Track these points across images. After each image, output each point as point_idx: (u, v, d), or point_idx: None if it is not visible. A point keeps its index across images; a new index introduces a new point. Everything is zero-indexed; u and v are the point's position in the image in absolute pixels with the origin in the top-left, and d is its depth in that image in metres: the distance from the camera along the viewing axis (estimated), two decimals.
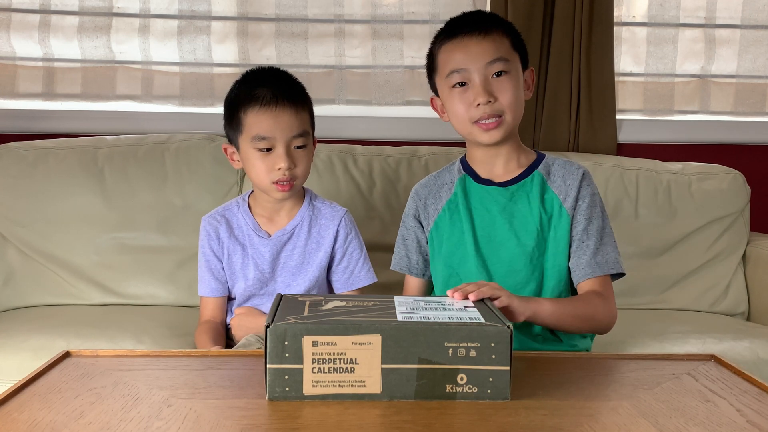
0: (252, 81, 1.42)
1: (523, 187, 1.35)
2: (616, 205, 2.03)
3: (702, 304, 2.02)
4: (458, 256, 1.36)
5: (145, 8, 2.21)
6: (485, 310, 0.93)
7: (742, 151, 2.36)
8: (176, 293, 1.91)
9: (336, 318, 0.87)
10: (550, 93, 2.22)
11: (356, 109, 2.30)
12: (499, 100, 1.29)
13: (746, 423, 0.81)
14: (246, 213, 1.50)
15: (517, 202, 1.35)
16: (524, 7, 2.14)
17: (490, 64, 1.29)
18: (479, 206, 1.36)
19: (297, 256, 1.48)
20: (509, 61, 1.30)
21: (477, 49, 1.29)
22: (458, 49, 1.31)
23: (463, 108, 1.31)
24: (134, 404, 0.84)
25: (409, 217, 1.44)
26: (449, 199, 1.39)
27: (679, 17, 2.32)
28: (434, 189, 1.43)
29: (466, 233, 1.35)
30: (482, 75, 1.29)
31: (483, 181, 1.38)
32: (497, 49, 1.30)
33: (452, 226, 1.37)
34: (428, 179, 1.46)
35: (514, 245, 1.32)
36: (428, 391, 0.85)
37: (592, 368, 1.01)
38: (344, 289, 1.51)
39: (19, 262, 1.91)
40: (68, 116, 2.22)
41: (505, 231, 1.33)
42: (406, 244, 1.44)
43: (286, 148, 1.39)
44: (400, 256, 1.44)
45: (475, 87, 1.29)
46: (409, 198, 1.46)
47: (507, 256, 1.33)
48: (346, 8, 2.25)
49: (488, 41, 1.30)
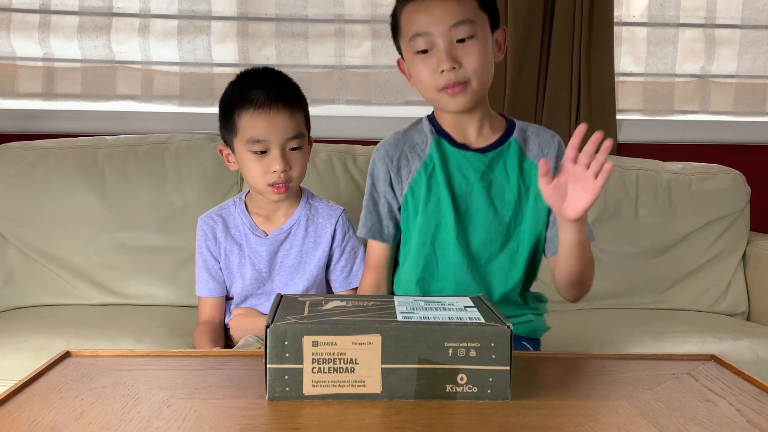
0: (246, 82, 1.41)
1: (500, 155, 1.31)
2: (616, 205, 2.03)
3: (702, 304, 2.02)
4: (434, 224, 1.31)
5: (145, 8, 2.21)
6: (485, 310, 0.93)
7: (742, 151, 2.36)
8: (176, 293, 1.91)
9: (336, 318, 0.87)
10: (550, 93, 2.22)
11: (356, 109, 2.30)
12: (464, 66, 1.23)
13: (746, 423, 0.81)
14: (243, 212, 1.50)
15: (494, 170, 1.31)
16: (524, 7, 2.14)
17: (454, 27, 1.22)
18: (457, 172, 1.31)
19: (294, 255, 1.48)
20: (475, 23, 1.23)
21: (440, 10, 1.22)
22: (421, 10, 1.24)
23: (427, 74, 1.24)
24: (134, 404, 0.84)
25: (379, 181, 1.35)
26: (424, 162, 1.32)
27: (679, 17, 2.32)
28: (405, 149, 1.34)
29: (444, 200, 1.30)
30: (446, 39, 1.22)
31: (459, 145, 1.32)
32: (462, 10, 1.22)
33: (429, 191, 1.31)
34: (396, 138, 1.37)
35: (491, 216, 1.29)
36: (428, 391, 0.85)
37: (592, 368, 1.01)
38: (342, 287, 1.51)
39: (19, 262, 1.90)
40: (68, 116, 2.22)
41: (482, 200, 1.30)
42: (378, 210, 1.36)
43: (281, 151, 1.38)
44: (372, 223, 1.36)
45: (439, 52, 1.22)
46: (377, 159, 1.36)
47: (484, 226, 1.30)
48: (346, 8, 2.25)
49: (452, 2, 1.22)
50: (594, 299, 1.99)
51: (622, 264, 2.01)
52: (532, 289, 1.41)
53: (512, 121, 1.36)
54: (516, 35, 2.16)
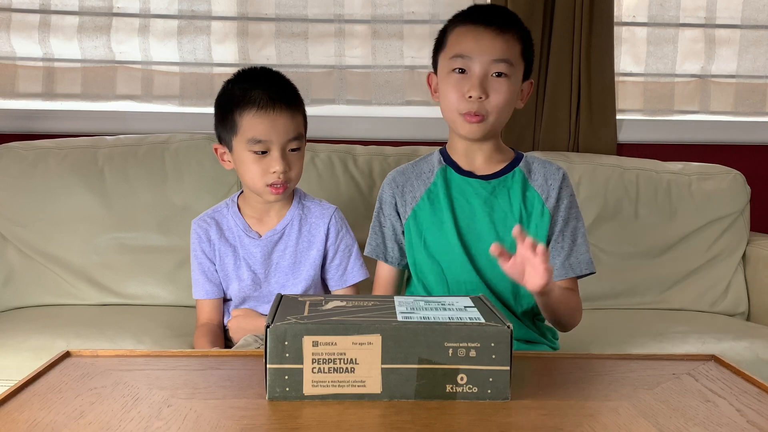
0: (246, 82, 1.41)
1: (504, 183, 1.36)
2: (616, 205, 2.03)
3: (702, 304, 2.02)
4: (440, 246, 1.36)
5: (145, 8, 2.21)
6: (485, 310, 0.93)
7: (742, 151, 2.36)
8: (176, 293, 1.91)
9: (336, 318, 0.87)
10: (550, 93, 2.22)
11: (356, 109, 2.30)
12: (490, 99, 1.29)
13: (746, 423, 0.81)
14: (236, 214, 1.50)
15: (498, 197, 1.35)
16: (524, 7, 2.14)
17: (495, 62, 1.28)
18: (460, 197, 1.36)
19: (289, 256, 1.48)
20: (513, 66, 1.30)
21: (488, 43, 1.29)
22: (471, 35, 1.30)
23: (454, 96, 1.30)
24: (134, 404, 0.84)
25: (386, 205, 1.42)
26: (429, 188, 1.39)
27: (679, 17, 2.32)
28: (411, 177, 1.42)
29: (447, 222, 1.35)
30: (484, 69, 1.28)
31: (464, 172, 1.38)
32: (507, 50, 1.29)
33: (433, 215, 1.37)
34: (405, 167, 1.45)
35: (493, 239, 1.32)
36: (428, 391, 0.85)
37: (592, 368, 1.01)
38: (338, 286, 1.52)
39: (19, 262, 1.90)
40: (68, 116, 2.22)
41: (485, 224, 1.34)
42: (383, 232, 1.43)
43: (282, 151, 1.39)
44: (377, 243, 1.43)
45: (473, 78, 1.29)
46: (385, 185, 1.44)
47: (486, 248, 1.31)
48: (346, 8, 2.25)
49: (501, 40, 1.29)
50: (594, 299, 1.99)
51: (622, 264, 2.01)
52: None
53: (521, 154, 1.41)
54: None
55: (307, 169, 1.91)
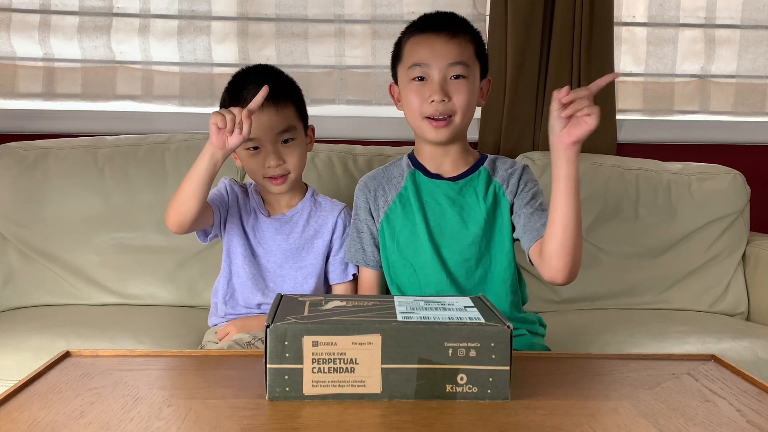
0: (238, 82, 1.47)
1: (470, 182, 1.41)
2: (616, 205, 2.03)
3: (702, 304, 2.02)
4: (412, 247, 1.40)
5: (145, 8, 2.21)
6: (485, 310, 0.93)
7: (742, 151, 2.36)
8: (176, 293, 1.91)
9: (336, 318, 0.87)
10: (550, 93, 2.21)
11: (356, 109, 2.30)
12: (453, 101, 1.33)
13: (746, 423, 0.81)
14: (255, 190, 1.56)
15: (465, 195, 1.40)
16: (524, 7, 2.14)
17: (451, 65, 1.33)
18: (430, 199, 1.41)
19: (293, 241, 1.51)
20: (469, 67, 1.35)
21: (442, 48, 1.34)
22: (424, 44, 1.35)
23: (417, 101, 1.35)
24: (134, 404, 0.84)
25: (361, 210, 1.47)
26: (399, 192, 1.43)
27: (679, 17, 2.32)
28: (383, 181, 1.46)
29: (419, 225, 1.39)
30: (442, 74, 1.33)
31: (432, 175, 1.42)
32: (461, 52, 1.34)
33: (405, 218, 1.41)
34: (376, 172, 1.50)
35: (464, 235, 1.38)
36: (428, 391, 0.86)
37: (592, 368, 1.01)
38: (339, 279, 1.54)
39: (19, 262, 1.91)
40: (68, 116, 2.22)
41: (455, 222, 1.39)
42: (361, 237, 1.47)
43: (273, 146, 1.44)
44: (356, 249, 1.47)
45: (433, 84, 1.33)
46: (358, 190, 1.49)
47: (458, 246, 1.38)
48: (346, 8, 2.25)
49: (454, 43, 1.34)
50: (594, 299, 1.99)
51: (622, 264, 2.01)
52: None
53: (485, 155, 1.46)
54: (516, 35, 2.16)
55: (308, 169, 1.91)
